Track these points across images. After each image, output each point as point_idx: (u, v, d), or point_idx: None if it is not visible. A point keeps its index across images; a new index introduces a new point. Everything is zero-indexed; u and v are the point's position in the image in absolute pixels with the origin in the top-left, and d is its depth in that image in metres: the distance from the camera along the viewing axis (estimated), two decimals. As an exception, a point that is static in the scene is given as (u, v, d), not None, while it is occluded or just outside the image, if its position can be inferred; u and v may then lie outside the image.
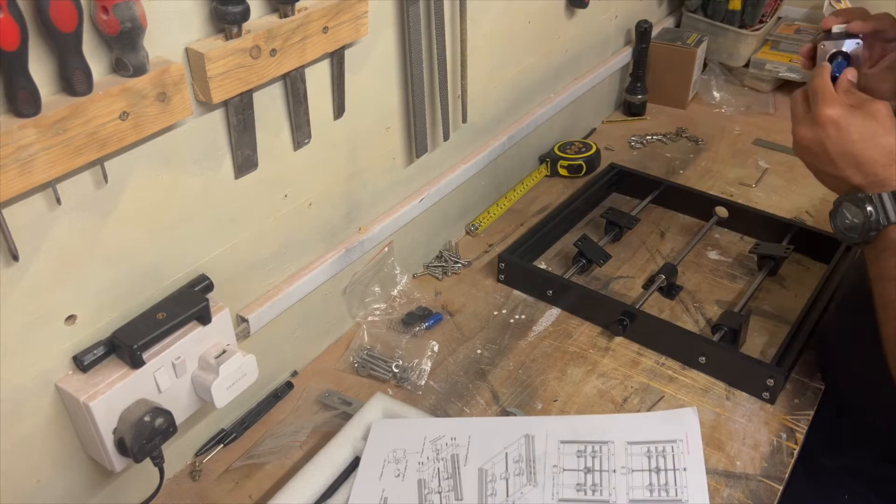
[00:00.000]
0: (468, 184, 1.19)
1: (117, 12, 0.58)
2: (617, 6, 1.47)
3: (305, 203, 0.90)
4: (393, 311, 1.07)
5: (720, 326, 0.99)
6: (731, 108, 1.60)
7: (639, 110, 1.59)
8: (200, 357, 0.77)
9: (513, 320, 1.06)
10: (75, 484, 0.76)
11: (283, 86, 0.80)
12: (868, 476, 0.90)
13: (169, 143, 0.71)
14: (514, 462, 0.80)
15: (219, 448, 0.88)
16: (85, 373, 0.70)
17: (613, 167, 1.33)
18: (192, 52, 0.68)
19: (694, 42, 1.55)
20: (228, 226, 0.81)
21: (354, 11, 0.81)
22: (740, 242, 1.20)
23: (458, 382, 0.96)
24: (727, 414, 0.91)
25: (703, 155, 1.45)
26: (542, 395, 0.94)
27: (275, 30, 0.73)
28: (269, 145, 0.82)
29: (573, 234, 1.21)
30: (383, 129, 0.99)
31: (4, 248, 0.60)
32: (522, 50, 1.22)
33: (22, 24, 0.53)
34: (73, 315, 0.69)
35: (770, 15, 1.67)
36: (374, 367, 0.97)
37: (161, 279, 0.76)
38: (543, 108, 1.33)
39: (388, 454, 0.82)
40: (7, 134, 0.55)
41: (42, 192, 0.62)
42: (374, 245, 1.04)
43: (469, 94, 1.08)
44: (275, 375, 0.96)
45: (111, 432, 0.71)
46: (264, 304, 0.88)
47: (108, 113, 0.61)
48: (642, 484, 0.76)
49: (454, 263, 1.16)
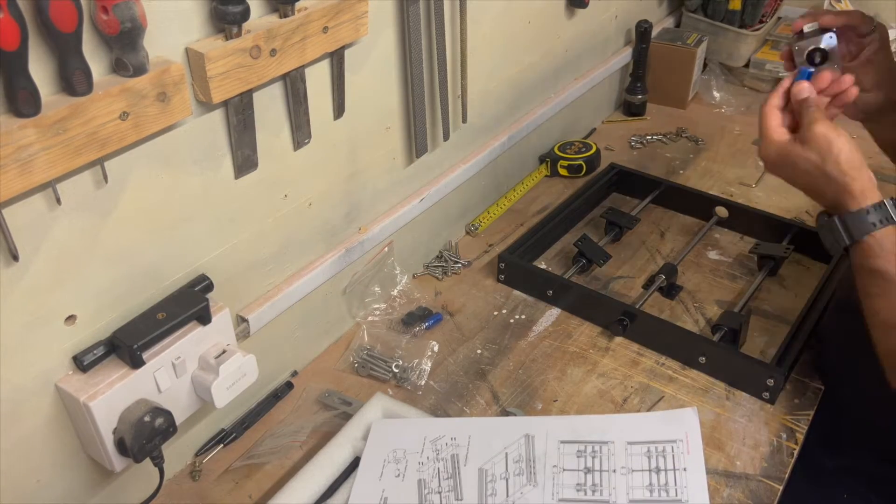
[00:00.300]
0: (468, 184, 1.19)
1: (117, 12, 0.58)
2: (617, 6, 1.47)
3: (305, 203, 0.90)
4: (393, 311, 1.07)
5: (720, 326, 0.99)
6: (731, 108, 1.60)
7: (639, 110, 1.59)
8: (200, 357, 0.77)
9: (513, 320, 1.06)
10: (75, 484, 0.76)
11: (283, 86, 0.80)
12: (868, 476, 0.90)
13: (169, 143, 0.71)
14: (514, 462, 0.80)
15: (219, 448, 0.88)
16: (85, 373, 0.70)
17: (613, 167, 1.33)
18: (192, 52, 0.68)
19: (694, 42, 1.55)
20: (228, 226, 0.81)
21: (354, 11, 0.81)
22: (740, 242, 1.19)
23: (458, 382, 0.96)
24: (727, 414, 0.91)
25: (703, 155, 1.45)
26: (542, 395, 0.94)
27: (275, 30, 0.73)
28: (269, 145, 0.82)
29: (573, 234, 1.21)
30: (383, 129, 0.99)
31: (4, 248, 0.60)
32: (522, 50, 1.22)
33: (22, 24, 0.53)
34: (73, 315, 0.69)
35: (770, 15, 1.67)
36: (374, 367, 0.97)
37: (161, 279, 0.76)
38: (543, 108, 1.33)
39: (388, 454, 0.82)
40: (7, 134, 0.55)
41: (42, 192, 0.62)
42: (374, 245, 1.03)
43: (469, 94, 1.08)
44: (275, 375, 0.96)
45: (111, 432, 0.71)
46: (264, 304, 0.88)
47: (108, 113, 0.61)
48: (642, 484, 0.76)
49: (454, 263, 1.16)
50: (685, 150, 1.46)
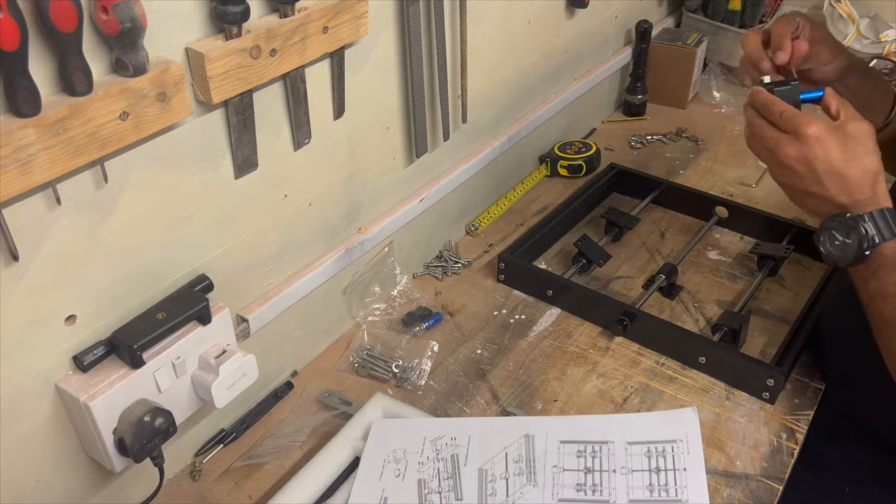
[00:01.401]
0: (468, 184, 1.19)
1: (117, 12, 0.58)
2: (617, 6, 1.47)
3: (305, 203, 0.90)
4: (393, 311, 1.07)
5: (720, 326, 0.99)
6: (731, 108, 1.60)
7: (639, 110, 1.59)
8: (200, 357, 0.77)
9: (513, 320, 1.06)
10: (75, 484, 0.76)
11: (283, 86, 0.80)
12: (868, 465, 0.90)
13: (169, 143, 0.71)
14: (514, 462, 0.80)
15: (219, 448, 0.88)
16: (85, 373, 0.70)
17: (613, 167, 1.33)
18: (192, 52, 0.68)
19: (694, 42, 1.55)
20: (228, 226, 0.81)
21: (354, 11, 0.81)
22: (740, 242, 1.19)
23: (458, 382, 0.96)
24: (727, 414, 0.91)
25: (703, 155, 1.45)
26: (542, 395, 0.94)
27: (275, 30, 0.73)
28: (269, 145, 0.82)
29: (573, 234, 1.21)
30: (383, 129, 0.99)
31: (4, 248, 0.60)
32: (522, 50, 1.22)
33: (22, 24, 0.53)
34: (73, 315, 0.68)
35: (770, 15, 1.67)
36: (374, 367, 0.97)
37: (161, 279, 0.76)
38: (543, 108, 1.33)
39: (388, 454, 0.82)
40: (7, 134, 0.55)
41: (42, 192, 0.62)
42: (374, 245, 1.03)
43: (469, 94, 1.08)
44: (275, 375, 0.96)
45: (111, 432, 0.71)
46: (264, 304, 0.88)
47: (108, 113, 0.61)
48: (642, 484, 0.76)
49: (454, 263, 1.16)
50: (685, 150, 1.46)
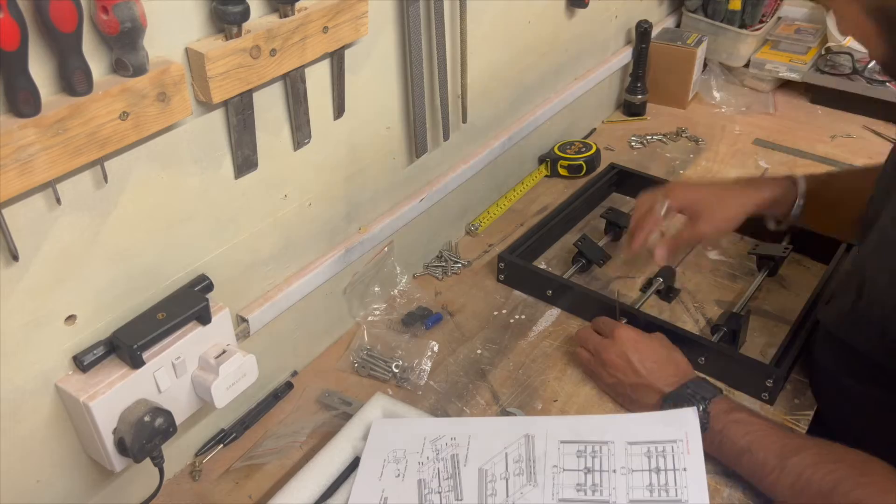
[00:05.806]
0: (468, 184, 1.19)
1: (117, 12, 0.58)
2: (617, 6, 1.47)
3: (305, 203, 0.90)
4: (393, 311, 1.07)
5: (720, 327, 0.99)
6: (731, 108, 1.60)
7: (639, 110, 1.59)
8: (200, 357, 0.77)
9: (513, 320, 1.06)
10: (75, 484, 0.76)
11: (283, 86, 0.80)
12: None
13: (169, 143, 0.71)
14: (514, 462, 0.80)
15: (219, 448, 0.88)
16: (85, 373, 0.70)
17: (613, 167, 1.33)
18: (192, 52, 0.68)
19: (694, 42, 1.55)
20: (228, 226, 0.81)
21: (354, 11, 0.81)
22: (740, 242, 1.19)
23: (458, 382, 0.96)
24: (727, 414, 0.91)
25: (703, 155, 1.45)
26: (542, 395, 0.94)
27: (275, 30, 0.73)
28: (269, 145, 0.82)
29: (573, 234, 1.21)
30: (383, 129, 0.99)
31: (4, 248, 0.60)
32: (522, 50, 1.22)
33: (22, 24, 0.53)
34: (73, 315, 0.69)
35: (770, 15, 1.67)
36: (374, 367, 0.97)
37: (161, 279, 0.76)
38: (543, 108, 1.33)
39: (388, 454, 0.82)
40: (7, 134, 0.55)
41: (42, 192, 0.62)
42: (374, 245, 1.03)
43: (469, 94, 1.08)
44: (275, 375, 0.96)
45: (111, 432, 0.71)
46: (264, 304, 0.88)
47: (108, 113, 0.61)
48: (642, 484, 0.76)
49: (454, 263, 1.16)
50: (685, 150, 1.46)
